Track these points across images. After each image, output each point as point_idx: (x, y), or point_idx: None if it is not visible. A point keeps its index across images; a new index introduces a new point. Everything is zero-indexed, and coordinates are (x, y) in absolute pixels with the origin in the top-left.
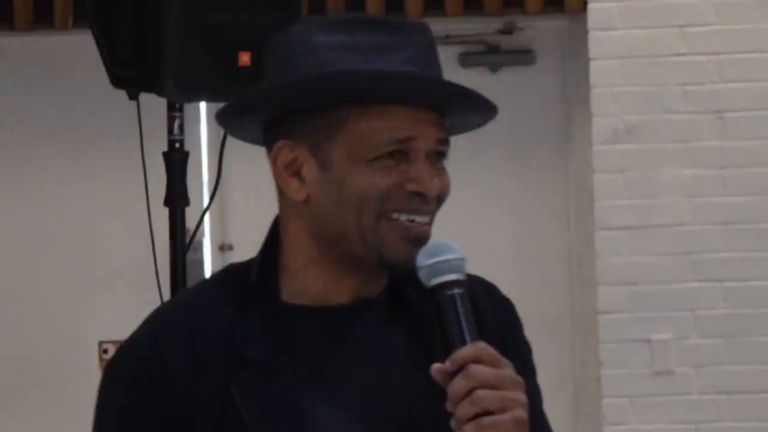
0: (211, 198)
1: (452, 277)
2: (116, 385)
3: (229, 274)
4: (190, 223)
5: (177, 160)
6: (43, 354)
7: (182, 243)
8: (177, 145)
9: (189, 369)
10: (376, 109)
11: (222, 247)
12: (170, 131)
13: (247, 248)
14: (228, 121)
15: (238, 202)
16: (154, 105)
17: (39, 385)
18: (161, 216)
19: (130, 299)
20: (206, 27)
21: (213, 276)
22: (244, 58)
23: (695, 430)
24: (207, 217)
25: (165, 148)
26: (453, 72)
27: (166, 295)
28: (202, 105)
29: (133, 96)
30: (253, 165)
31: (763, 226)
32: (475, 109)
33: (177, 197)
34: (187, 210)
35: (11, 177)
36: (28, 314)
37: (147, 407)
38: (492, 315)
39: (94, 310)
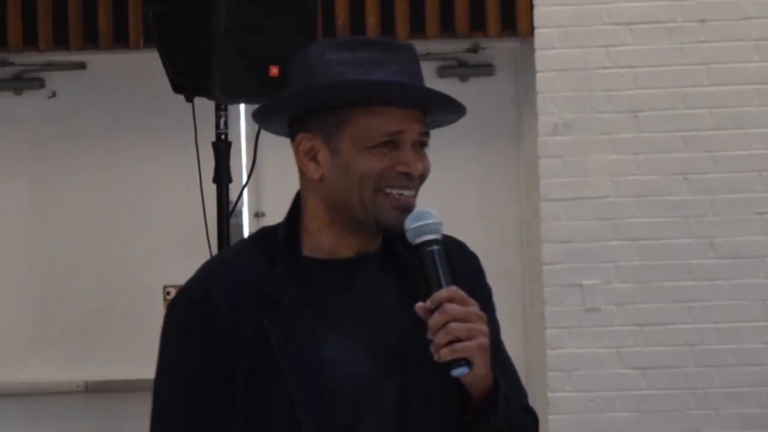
0: (249, 177)
1: (432, 236)
2: (176, 321)
3: (262, 235)
4: (232, 196)
5: (222, 148)
6: (120, 295)
7: (226, 211)
8: (222, 136)
9: (231, 308)
10: (374, 110)
11: (257, 214)
12: (217, 126)
13: (276, 215)
14: (261, 119)
15: (268, 180)
16: (205, 106)
17: (116, 319)
18: (210, 190)
19: (187, 253)
20: (245, 46)
21: (249, 236)
22: (274, 71)
23: (617, 353)
24: (245, 192)
25: (213, 138)
26: (432, 81)
27: (214, 250)
28: (242, 106)
29: (189, 99)
30: (280, 152)
31: (667, 198)
32: (449, 110)
33: (222, 176)
34: (230, 186)
35: (97, 162)
36: (108, 264)
37: (199, 337)
38: (462, 266)
39: (159, 262)
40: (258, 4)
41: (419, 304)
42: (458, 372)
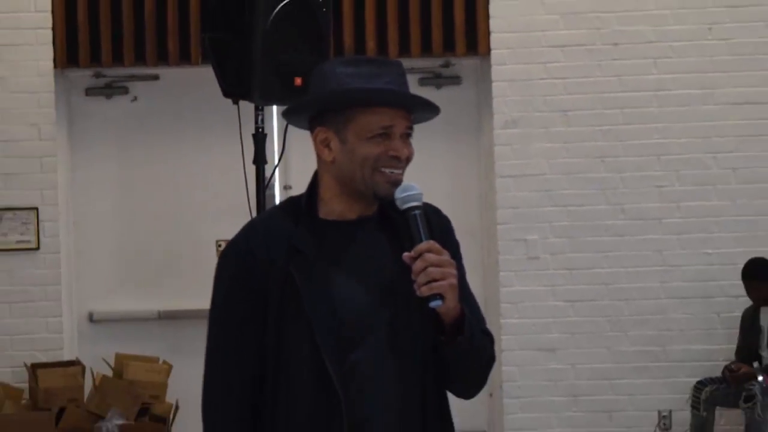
0: (279, 159)
1: (415, 203)
2: (225, 267)
3: (289, 202)
4: (267, 173)
5: (260, 138)
6: (184, 246)
7: (263, 184)
8: (260, 129)
9: (266, 258)
10: (372, 110)
11: (285, 187)
12: (256, 122)
13: (300, 188)
14: (289, 117)
15: (294, 162)
16: (247, 107)
17: (181, 264)
18: (251, 169)
19: (234, 215)
20: (277, 62)
21: (280, 203)
22: (298, 81)
23: (551, 290)
24: (277, 171)
25: (253, 131)
26: (415, 89)
27: (254, 214)
28: (274, 107)
29: (235, 102)
30: (303, 141)
31: (589, 175)
32: (427, 110)
33: (260, 159)
34: (266, 166)
35: (168, 149)
36: (176, 224)
37: (242, 280)
38: (438, 225)
39: (213, 222)
40: (286, 32)
41: (405, 254)
42: (434, 304)
